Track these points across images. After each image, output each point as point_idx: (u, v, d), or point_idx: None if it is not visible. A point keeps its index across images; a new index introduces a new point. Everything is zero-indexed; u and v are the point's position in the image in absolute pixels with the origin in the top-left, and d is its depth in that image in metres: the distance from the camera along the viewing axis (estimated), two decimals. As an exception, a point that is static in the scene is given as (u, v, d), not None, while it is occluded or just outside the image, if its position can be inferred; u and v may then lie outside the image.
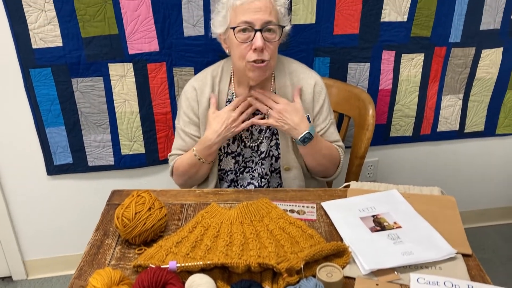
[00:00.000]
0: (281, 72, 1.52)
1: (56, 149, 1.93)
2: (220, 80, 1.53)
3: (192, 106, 1.54)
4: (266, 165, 1.55)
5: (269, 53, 1.38)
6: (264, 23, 1.34)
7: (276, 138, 1.54)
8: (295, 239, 1.19)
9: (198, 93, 1.53)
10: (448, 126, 2.17)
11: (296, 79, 1.52)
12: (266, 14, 1.34)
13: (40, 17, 1.68)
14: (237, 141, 1.55)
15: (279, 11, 1.40)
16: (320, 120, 1.55)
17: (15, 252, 2.15)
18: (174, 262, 1.05)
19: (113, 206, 1.35)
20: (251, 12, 1.33)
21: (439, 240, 1.18)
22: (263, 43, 1.35)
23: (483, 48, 2.01)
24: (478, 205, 2.46)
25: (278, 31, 1.39)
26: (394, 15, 1.86)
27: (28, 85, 1.79)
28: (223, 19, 1.40)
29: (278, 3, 1.39)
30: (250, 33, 1.36)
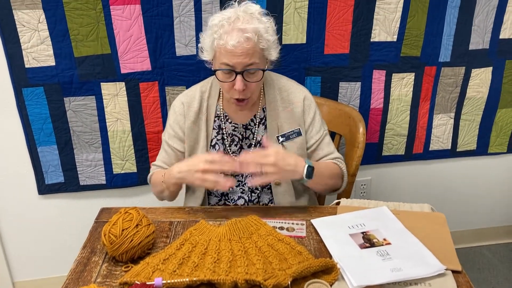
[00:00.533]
0: (270, 88, 1.54)
1: (47, 168, 1.92)
2: (209, 95, 1.54)
3: (178, 120, 1.54)
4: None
5: (251, 90, 1.41)
6: (245, 66, 1.35)
7: None
8: (284, 255, 1.18)
9: (185, 107, 1.53)
10: (440, 145, 2.18)
11: (285, 93, 1.53)
12: (247, 58, 1.34)
13: (33, 36, 1.70)
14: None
15: (264, 49, 1.38)
16: (313, 132, 1.55)
17: (5, 273, 2.12)
18: (159, 279, 1.04)
19: (101, 224, 1.34)
20: (232, 56, 1.33)
21: (429, 256, 1.17)
22: (243, 86, 1.36)
23: (472, 68, 2.03)
24: (473, 224, 2.45)
25: (260, 73, 1.40)
26: (384, 35, 1.89)
27: (21, 104, 1.80)
28: (210, 49, 1.41)
29: (262, 43, 1.36)
30: (231, 74, 1.37)
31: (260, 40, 1.36)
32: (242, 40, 1.32)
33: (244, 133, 1.54)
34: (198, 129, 1.54)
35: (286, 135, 1.52)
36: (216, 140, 1.54)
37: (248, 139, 1.55)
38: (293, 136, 1.52)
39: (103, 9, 1.69)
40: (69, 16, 1.69)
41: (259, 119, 1.54)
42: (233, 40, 1.31)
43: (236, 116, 1.54)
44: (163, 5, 1.72)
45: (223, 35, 1.33)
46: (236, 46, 1.32)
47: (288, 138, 1.52)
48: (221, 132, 1.54)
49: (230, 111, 1.54)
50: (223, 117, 1.54)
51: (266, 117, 1.53)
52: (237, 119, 1.54)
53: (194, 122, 1.53)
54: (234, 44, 1.32)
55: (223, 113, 1.54)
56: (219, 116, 1.54)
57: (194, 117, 1.53)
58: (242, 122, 1.54)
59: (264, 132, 1.54)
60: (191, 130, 1.53)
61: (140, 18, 1.73)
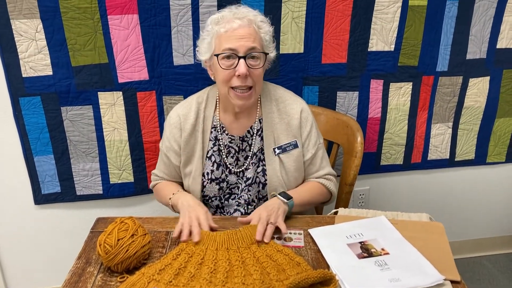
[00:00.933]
0: (267, 98, 1.53)
1: (44, 178, 1.91)
2: (206, 106, 1.54)
3: (174, 133, 1.54)
4: (252, 191, 1.54)
5: (253, 79, 1.40)
6: (248, 49, 1.36)
7: (263, 164, 1.53)
8: (282, 266, 1.17)
9: (182, 120, 1.52)
10: (438, 154, 2.17)
11: (282, 105, 1.53)
12: (250, 41, 1.37)
13: (30, 46, 1.70)
14: (222, 167, 1.53)
15: (264, 38, 1.42)
16: (310, 146, 1.54)
17: (0, 283, 2.10)
18: (155, 289, 1.02)
19: (97, 234, 1.33)
20: (235, 39, 1.36)
21: (427, 266, 1.16)
22: (246, 70, 1.36)
23: (470, 77, 2.03)
24: (472, 234, 2.43)
25: (262, 58, 1.41)
26: (381, 44, 1.89)
27: (17, 113, 1.79)
28: (208, 46, 1.43)
29: (262, 30, 1.42)
30: (234, 60, 1.38)
31: (260, 29, 1.41)
32: (244, 23, 1.38)
33: (240, 145, 1.53)
34: (195, 141, 1.53)
35: (282, 147, 1.51)
36: (212, 152, 1.53)
37: (244, 151, 1.53)
38: (290, 148, 1.52)
39: (100, 18, 1.70)
40: (66, 26, 1.69)
41: (255, 130, 1.53)
42: (236, 23, 1.37)
43: (232, 127, 1.53)
44: (161, 15, 1.73)
45: (224, 24, 1.38)
46: (239, 28, 1.37)
47: (284, 150, 1.51)
48: (217, 144, 1.53)
49: (227, 122, 1.53)
50: (219, 128, 1.53)
51: (263, 129, 1.52)
52: (234, 131, 1.53)
53: (190, 134, 1.52)
54: (237, 27, 1.36)
55: (220, 124, 1.53)
56: (216, 127, 1.53)
57: (191, 129, 1.52)
58: (238, 134, 1.53)
59: (260, 143, 1.52)
60: (187, 143, 1.53)
61: (137, 28, 1.74)
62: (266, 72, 1.83)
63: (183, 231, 1.30)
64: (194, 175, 1.53)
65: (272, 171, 1.51)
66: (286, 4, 1.77)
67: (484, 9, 1.90)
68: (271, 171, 1.51)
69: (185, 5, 1.72)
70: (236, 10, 1.42)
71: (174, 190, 1.56)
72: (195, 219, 1.34)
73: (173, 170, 1.60)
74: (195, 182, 1.53)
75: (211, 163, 1.53)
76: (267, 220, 1.31)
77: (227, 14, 1.41)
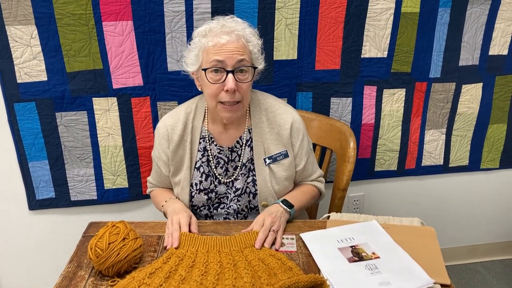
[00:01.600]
0: (256, 108, 1.52)
1: (38, 184, 1.92)
2: (194, 117, 1.53)
3: (162, 144, 1.54)
4: (242, 201, 1.53)
5: (241, 93, 1.39)
6: (237, 62, 1.35)
7: (253, 175, 1.52)
8: (273, 270, 1.17)
9: (169, 130, 1.52)
10: (432, 160, 2.18)
11: (272, 115, 1.51)
12: (238, 54, 1.35)
13: (25, 52, 1.71)
14: (211, 178, 1.53)
15: (252, 51, 1.41)
16: (302, 155, 1.54)
17: (-6, 290, 2.10)
18: (144, 292, 1.02)
19: (88, 238, 1.33)
20: (223, 53, 1.34)
21: (417, 270, 1.16)
22: (235, 85, 1.35)
23: (463, 84, 2.04)
24: (466, 241, 2.44)
25: (251, 72, 1.40)
26: (374, 51, 1.91)
27: (12, 119, 1.80)
28: (196, 58, 1.41)
29: (251, 44, 1.40)
30: (222, 74, 1.36)
31: (248, 42, 1.40)
32: (233, 38, 1.36)
33: (230, 155, 1.52)
34: (183, 151, 1.53)
35: (273, 157, 1.50)
36: (200, 162, 1.52)
37: (234, 161, 1.53)
38: (280, 158, 1.51)
39: (95, 25, 1.71)
40: (61, 32, 1.70)
41: (245, 141, 1.52)
42: (224, 39, 1.35)
43: (221, 138, 1.52)
44: (155, 21, 1.74)
45: (212, 38, 1.36)
46: (227, 43, 1.35)
47: (275, 160, 1.50)
48: (206, 154, 1.52)
49: (215, 133, 1.52)
50: (208, 139, 1.52)
51: (252, 139, 1.51)
52: (223, 141, 1.52)
53: (178, 144, 1.52)
54: (225, 42, 1.35)
55: (208, 134, 1.52)
56: (204, 137, 1.52)
57: (178, 140, 1.52)
58: (227, 144, 1.52)
59: (250, 154, 1.52)
60: (175, 153, 1.53)
61: (132, 34, 1.75)
62: (260, 78, 1.86)
63: (165, 238, 1.32)
64: (182, 185, 1.53)
65: (262, 181, 1.51)
66: (280, 11, 1.79)
67: (476, 16, 1.92)
68: (261, 182, 1.51)
69: (179, 11, 1.74)
70: (224, 22, 1.39)
71: (167, 197, 1.57)
72: (176, 222, 1.36)
73: (165, 178, 1.61)
74: (183, 192, 1.53)
75: (200, 174, 1.52)
76: (270, 227, 1.33)
77: (214, 27, 1.38)
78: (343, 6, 1.82)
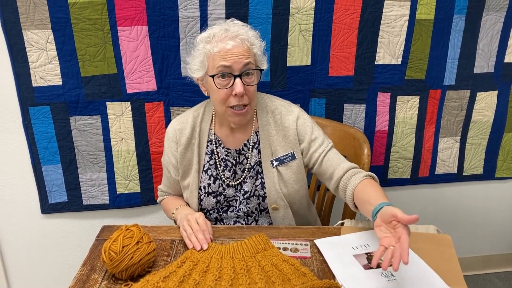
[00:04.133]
0: (263, 111, 1.52)
1: (51, 187, 1.92)
2: (202, 120, 1.53)
3: (171, 147, 1.54)
4: (251, 204, 1.52)
5: (249, 96, 1.40)
6: (243, 66, 1.35)
7: (261, 177, 1.51)
8: (287, 276, 1.16)
9: (178, 134, 1.53)
10: (446, 168, 2.16)
11: (279, 116, 1.51)
12: (244, 58, 1.35)
13: (41, 56, 1.73)
14: (219, 181, 1.53)
15: (256, 54, 1.41)
16: (316, 146, 1.50)
17: (5, 294, 2.11)
18: (159, 295, 1.02)
19: (102, 241, 1.33)
20: (230, 58, 1.35)
21: (434, 278, 1.14)
22: (243, 89, 1.36)
23: (477, 91, 2.02)
24: (481, 251, 2.40)
25: (256, 74, 1.41)
26: (388, 58, 1.90)
27: (27, 123, 1.81)
28: (201, 64, 1.41)
29: (255, 46, 1.41)
30: (229, 79, 1.36)
31: (252, 45, 1.40)
32: (237, 42, 1.36)
33: (237, 158, 1.52)
34: (191, 154, 1.53)
35: (280, 159, 1.49)
36: (208, 165, 1.53)
37: (241, 164, 1.53)
38: (287, 160, 1.50)
39: (110, 29, 1.72)
40: (77, 36, 1.71)
41: (252, 143, 1.52)
42: (229, 44, 1.35)
43: (228, 141, 1.52)
44: (170, 26, 1.75)
45: (217, 43, 1.36)
46: (232, 48, 1.35)
47: (282, 162, 1.50)
48: (213, 157, 1.53)
49: (223, 135, 1.52)
50: (215, 142, 1.52)
51: (260, 141, 1.51)
52: (230, 144, 1.52)
53: (186, 148, 1.53)
54: (230, 48, 1.35)
55: (216, 138, 1.52)
56: (212, 141, 1.53)
57: (186, 143, 1.52)
58: (235, 147, 1.52)
59: (258, 156, 1.52)
60: (183, 156, 1.53)
61: (146, 39, 1.76)
62: (273, 84, 1.86)
63: (191, 238, 1.31)
64: (191, 188, 1.54)
65: (271, 184, 1.50)
66: (294, 17, 1.79)
67: (491, 23, 1.90)
68: (270, 184, 1.50)
69: (193, 17, 1.74)
70: (226, 27, 1.39)
71: (177, 204, 1.57)
72: (194, 222, 1.36)
73: (175, 183, 1.61)
74: (192, 195, 1.54)
75: (208, 177, 1.53)
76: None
77: (217, 32, 1.38)
78: (357, 12, 1.81)
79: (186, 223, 1.36)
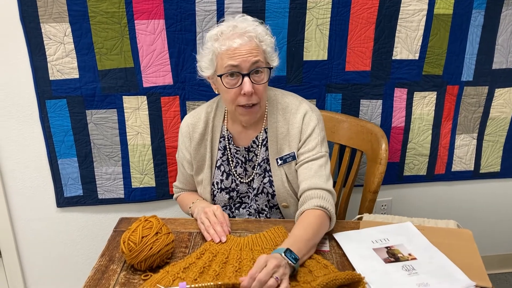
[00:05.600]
0: (273, 108, 1.50)
1: (67, 181, 1.93)
2: (214, 116, 1.53)
3: (185, 142, 1.54)
4: (260, 201, 1.52)
5: (259, 95, 1.37)
6: (251, 64, 1.33)
7: (269, 175, 1.50)
8: (309, 268, 1.15)
9: (191, 129, 1.53)
10: (463, 166, 2.13)
11: (288, 114, 1.48)
12: (252, 56, 1.33)
13: (59, 49, 1.73)
14: (231, 177, 1.52)
15: (266, 51, 1.38)
16: (305, 148, 1.44)
17: (20, 286, 2.11)
18: (184, 283, 1.01)
19: (120, 233, 1.33)
20: (237, 57, 1.32)
21: (457, 272, 1.13)
22: (251, 88, 1.34)
23: (496, 87, 2.00)
24: (498, 249, 2.37)
25: (266, 72, 1.38)
26: (406, 53, 1.88)
27: (43, 116, 1.82)
28: (210, 63, 1.39)
29: (264, 43, 1.38)
30: (238, 78, 1.34)
31: (261, 42, 1.37)
32: (245, 40, 1.33)
33: (246, 155, 1.51)
34: (204, 150, 1.53)
35: (283, 158, 1.48)
36: (221, 161, 1.52)
37: (251, 161, 1.52)
38: (289, 160, 1.48)
39: (127, 23, 1.72)
40: (94, 30, 1.72)
41: (261, 140, 1.50)
42: (236, 43, 1.32)
43: (240, 138, 1.52)
44: (186, 20, 1.75)
45: (224, 41, 1.34)
46: (240, 46, 1.32)
47: (285, 162, 1.48)
48: (226, 153, 1.52)
49: (235, 132, 1.51)
50: (227, 138, 1.52)
51: (268, 139, 1.50)
52: (241, 141, 1.52)
53: (199, 143, 1.52)
54: (238, 46, 1.32)
55: (228, 134, 1.51)
56: (224, 137, 1.52)
57: (199, 138, 1.52)
58: (244, 144, 1.51)
59: (265, 154, 1.50)
60: (197, 152, 1.53)
61: (163, 33, 1.76)
62: (289, 79, 1.85)
63: (209, 231, 1.30)
64: (204, 184, 1.54)
65: (279, 182, 1.48)
66: (311, 11, 1.78)
67: (511, 18, 1.88)
68: (278, 182, 1.48)
69: (210, 11, 1.74)
70: (234, 23, 1.37)
71: (194, 199, 1.56)
72: (211, 214, 1.35)
73: (190, 178, 1.61)
74: (205, 191, 1.54)
75: (220, 173, 1.52)
76: (273, 272, 1.06)
77: (225, 29, 1.36)
78: (375, 7, 1.80)
79: (204, 216, 1.36)
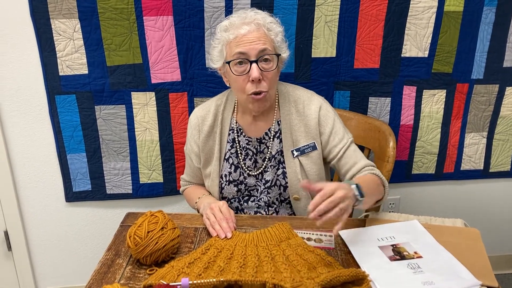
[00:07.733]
0: (285, 100, 1.51)
1: (76, 176, 1.95)
2: (224, 108, 1.54)
3: (194, 134, 1.56)
4: (272, 194, 1.52)
5: (267, 83, 1.38)
6: (259, 52, 1.34)
7: (283, 167, 1.50)
8: (313, 264, 1.14)
9: (200, 121, 1.54)
10: (472, 164, 2.12)
11: (301, 106, 1.50)
12: (260, 44, 1.34)
13: (68, 45, 1.75)
14: (240, 170, 1.53)
15: (274, 40, 1.40)
16: (336, 140, 1.48)
17: (30, 280, 2.13)
18: (186, 279, 1.02)
19: (126, 228, 1.34)
20: (245, 44, 1.34)
21: (462, 270, 1.12)
22: (259, 74, 1.34)
23: (507, 86, 1.98)
24: (507, 250, 2.35)
25: (275, 60, 1.39)
26: (415, 50, 1.87)
27: (53, 111, 1.84)
28: (220, 54, 1.41)
29: (272, 32, 1.39)
30: (246, 65, 1.36)
31: (270, 31, 1.39)
32: (253, 27, 1.36)
33: (258, 147, 1.52)
34: (213, 142, 1.54)
35: (301, 149, 1.48)
36: (230, 154, 1.53)
37: (262, 153, 1.52)
38: (308, 151, 1.49)
39: (136, 19, 1.73)
40: (103, 26, 1.73)
41: (273, 133, 1.51)
42: (244, 29, 1.35)
43: (250, 130, 1.52)
44: (195, 16, 1.75)
45: (233, 31, 1.36)
46: (247, 33, 1.35)
47: (303, 153, 1.48)
48: (235, 146, 1.53)
49: (245, 124, 1.52)
50: (237, 131, 1.52)
51: (281, 131, 1.50)
52: (251, 133, 1.52)
53: (208, 135, 1.53)
54: (245, 33, 1.35)
55: (237, 126, 1.52)
56: (234, 129, 1.52)
57: (208, 131, 1.53)
58: (256, 136, 1.52)
59: (279, 146, 1.51)
60: (205, 144, 1.54)
61: (172, 29, 1.76)
62: (298, 76, 1.84)
63: (214, 226, 1.31)
64: (212, 176, 1.54)
65: (293, 174, 1.49)
66: (320, 8, 1.77)
67: (523, 15, 1.86)
68: (292, 174, 1.49)
69: (218, 7, 1.74)
70: (244, 15, 1.39)
71: (200, 194, 1.58)
72: (217, 210, 1.35)
73: (198, 172, 1.62)
74: (213, 183, 1.55)
75: (229, 165, 1.53)
76: (339, 202, 1.11)
77: (235, 20, 1.39)
78: (384, 3, 1.79)
79: (210, 212, 1.36)
